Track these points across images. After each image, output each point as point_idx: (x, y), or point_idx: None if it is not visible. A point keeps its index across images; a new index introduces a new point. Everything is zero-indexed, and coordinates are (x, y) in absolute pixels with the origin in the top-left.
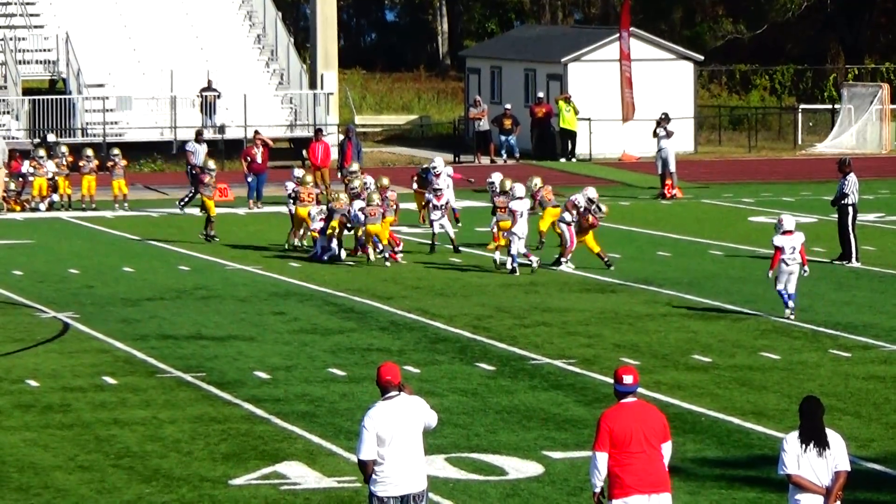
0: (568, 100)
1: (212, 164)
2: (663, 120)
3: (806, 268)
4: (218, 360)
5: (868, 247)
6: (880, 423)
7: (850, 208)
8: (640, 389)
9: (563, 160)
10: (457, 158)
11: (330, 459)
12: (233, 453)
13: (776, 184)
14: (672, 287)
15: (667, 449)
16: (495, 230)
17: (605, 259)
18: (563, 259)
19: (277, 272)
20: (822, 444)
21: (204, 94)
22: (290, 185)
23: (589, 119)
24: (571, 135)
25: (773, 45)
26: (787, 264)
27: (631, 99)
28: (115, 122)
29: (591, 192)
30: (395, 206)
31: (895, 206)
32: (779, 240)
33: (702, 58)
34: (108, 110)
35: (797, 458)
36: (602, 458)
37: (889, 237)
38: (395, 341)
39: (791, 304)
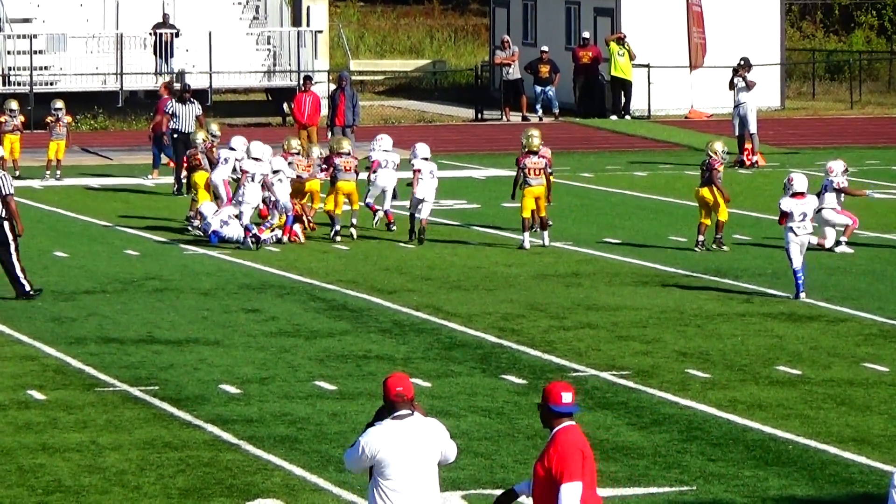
0: (621, 41)
1: (214, 127)
2: (742, 67)
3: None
4: (174, 369)
5: None
6: None
7: None
8: (707, 409)
9: (613, 117)
10: (480, 114)
11: (315, 496)
12: (192, 488)
13: (885, 149)
14: (752, 280)
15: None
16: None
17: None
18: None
19: (250, 258)
20: None
21: (158, 31)
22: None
23: (648, 66)
24: (625, 85)
25: None
26: (795, 234)
27: (702, 41)
28: (46, 68)
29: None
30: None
31: None
32: (787, 203)
33: None
34: (36, 52)
35: None
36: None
37: None
38: (399, 347)
39: (800, 282)
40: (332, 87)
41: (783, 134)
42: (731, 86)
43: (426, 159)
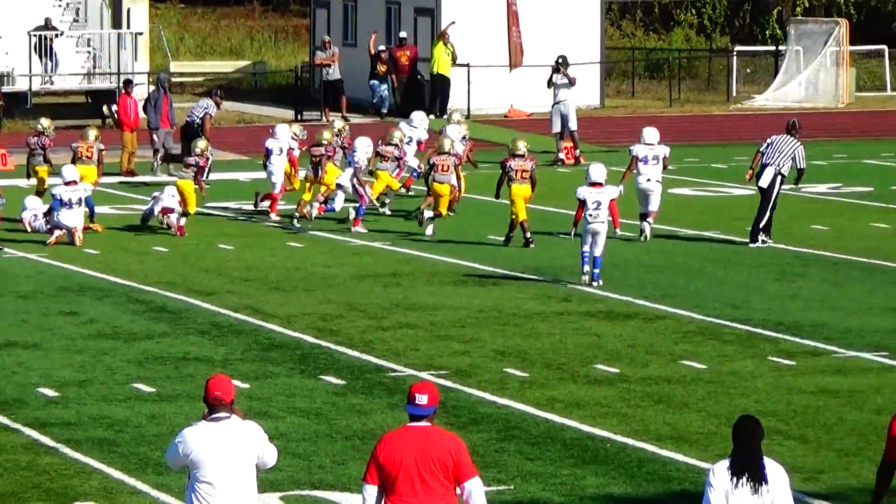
0: (446, 40)
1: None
2: (561, 65)
3: (617, 229)
4: None
5: (819, 226)
6: (832, 450)
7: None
8: (525, 408)
9: (432, 117)
10: (299, 115)
11: (134, 499)
12: (10, 492)
13: (704, 146)
14: (571, 278)
15: (472, 490)
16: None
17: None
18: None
19: (69, 261)
20: (759, 478)
21: None
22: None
23: (467, 65)
24: (444, 82)
25: None
26: (588, 222)
27: (519, 40)
28: None
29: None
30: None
31: (854, 174)
32: (582, 191)
33: None
34: None
35: (726, 495)
36: (370, 492)
37: (846, 213)
38: (218, 348)
39: (587, 268)
40: (152, 88)
41: (603, 132)
42: (551, 83)
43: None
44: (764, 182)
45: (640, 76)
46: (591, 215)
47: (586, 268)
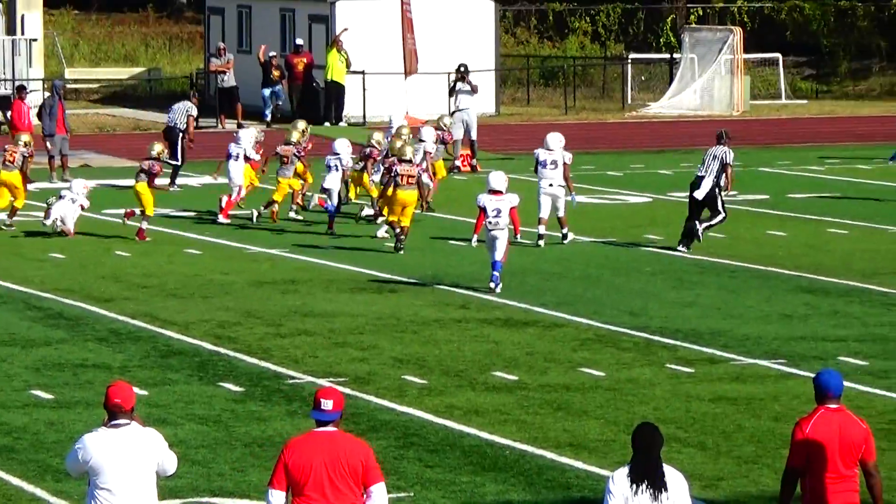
0: (339, 46)
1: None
2: (464, 72)
3: (518, 236)
4: None
5: (716, 234)
6: (731, 457)
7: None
8: (424, 415)
9: (327, 124)
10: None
11: None
12: None
13: (599, 154)
14: (468, 286)
15: (377, 494)
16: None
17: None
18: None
19: None
20: (658, 485)
21: None
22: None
23: (363, 72)
24: (339, 89)
25: None
26: (489, 229)
27: (414, 47)
28: None
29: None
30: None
31: (750, 183)
32: (483, 199)
33: None
34: None
35: (625, 502)
36: (277, 498)
37: (742, 221)
38: (116, 355)
39: (495, 273)
40: (47, 95)
41: (499, 140)
42: (453, 91)
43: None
44: (700, 194)
45: (535, 84)
46: (490, 222)
47: (495, 274)
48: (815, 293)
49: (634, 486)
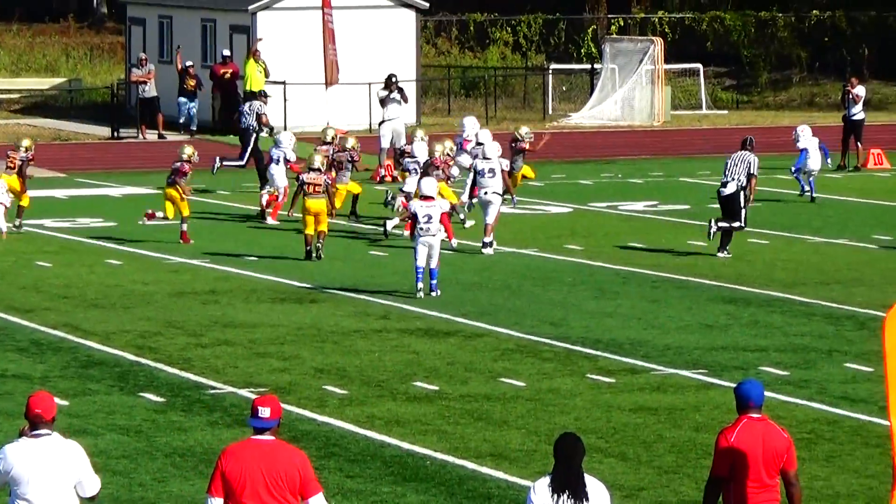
0: (257, 56)
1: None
2: (395, 83)
3: (453, 241)
4: None
5: (637, 243)
6: (651, 467)
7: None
8: (345, 425)
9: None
10: (116, 133)
11: None
12: None
13: None
14: (387, 296)
15: None
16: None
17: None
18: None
19: None
20: (580, 495)
21: None
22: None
23: (284, 83)
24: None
25: None
26: (420, 235)
27: (335, 57)
28: None
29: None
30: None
31: (671, 193)
32: (414, 205)
33: (426, 5)
34: None
35: None
36: None
37: (663, 231)
38: (36, 366)
39: (421, 284)
40: None
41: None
42: (385, 101)
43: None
44: (726, 191)
45: (457, 94)
46: (422, 228)
47: (420, 284)
48: (736, 303)
49: (556, 495)
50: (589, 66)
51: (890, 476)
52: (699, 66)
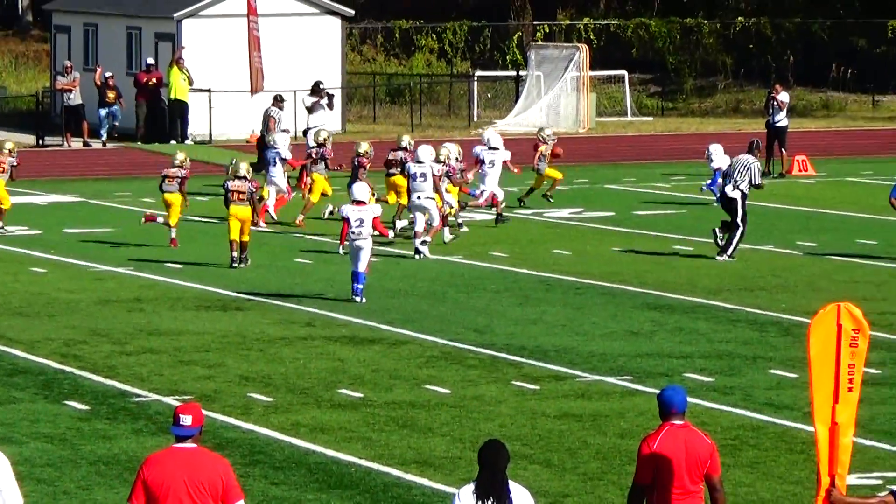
0: (180, 64)
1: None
2: (323, 90)
3: (390, 235)
4: None
5: (562, 250)
6: (576, 474)
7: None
8: (269, 433)
9: (173, 142)
10: (41, 141)
11: None
12: None
13: None
14: (312, 304)
15: None
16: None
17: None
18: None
19: None
20: (504, 501)
21: None
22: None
23: (209, 90)
24: (182, 107)
25: None
26: (352, 239)
27: (260, 65)
28: None
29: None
30: None
31: (596, 199)
32: (346, 209)
33: (352, 12)
34: None
35: None
36: None
37: (588, 237)
38: None
39: (359, 286)
40: None
41: (345, 158)
42: (313, 108)
43: None
44: (729, 191)
45: (382, 101)
46: (353, 232)
47: (358, 286)
48: (660, 310)
49: (480, 502)
50: (514, 73)
51: (814, 482)
52: (624, 72)
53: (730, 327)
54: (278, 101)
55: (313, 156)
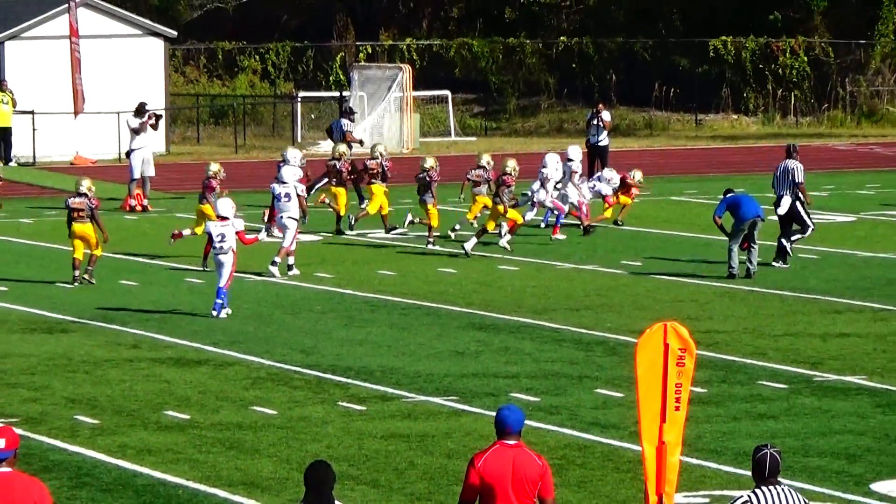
0: (3, 87)
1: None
2: (147, 111)
3: (262, 235)
4: None
5: (386, 271)
6: (403, 494)
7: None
8: (96, 455)
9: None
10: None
11: None
12: None
13: (268, 192)
14: (138, 325)
15: None
16: None
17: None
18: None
19: None
20: None
21: None
22: None
23: (32, 112)
24: (5, 131)
25: (264, 17)
26: (215, 253)
27: (80, 86)
28: None
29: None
30: None
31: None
32: (210, 225)
33: (174, 33)
34: None
35: None
36: None
37: (413, 258)
38: None
39: (218, 301)
40: None
41: (169, 179)
42: (138, 130)
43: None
44: (782, 210)
45: (206, 122)
46: (216, 247)
47: (220, 301)
48: (486, 330)
49: None
50: (338, 94)
51: (642, 501)
52: (447, 92)
53: (556, 347)
54: (349, 113)
55: (372, 169)
